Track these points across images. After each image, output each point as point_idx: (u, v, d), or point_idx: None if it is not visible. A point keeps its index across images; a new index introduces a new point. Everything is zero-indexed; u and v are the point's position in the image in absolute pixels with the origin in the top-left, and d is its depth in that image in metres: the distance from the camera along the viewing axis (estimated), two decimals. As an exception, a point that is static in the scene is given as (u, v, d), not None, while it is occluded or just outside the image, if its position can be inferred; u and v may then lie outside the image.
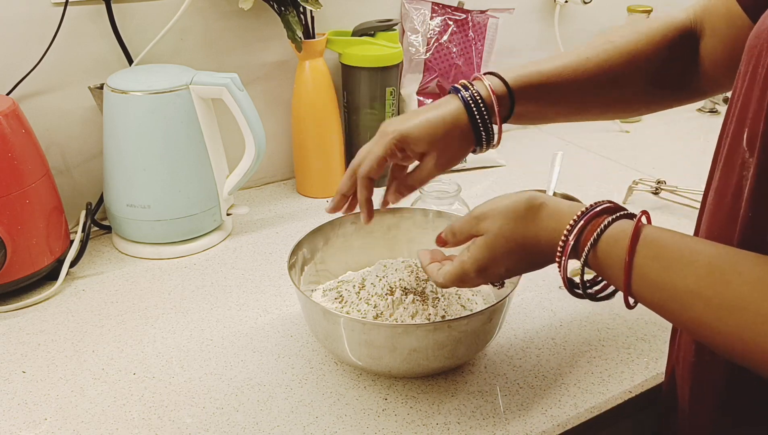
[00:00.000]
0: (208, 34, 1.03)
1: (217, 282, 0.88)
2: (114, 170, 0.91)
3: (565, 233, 0.55)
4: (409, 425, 0.64)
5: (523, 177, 1.19)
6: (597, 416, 0.67)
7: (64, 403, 0.67)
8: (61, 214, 0.88)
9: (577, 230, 0.54)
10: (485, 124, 0.67)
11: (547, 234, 0.56)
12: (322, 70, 1.05)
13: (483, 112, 0.67)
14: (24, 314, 0.81)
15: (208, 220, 0.96)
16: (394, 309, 0.70)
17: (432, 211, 0.84)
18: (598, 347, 0.75)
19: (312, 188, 1.12)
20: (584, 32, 1.41)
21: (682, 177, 1.12)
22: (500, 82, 0.67)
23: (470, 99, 0.66)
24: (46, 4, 0.91)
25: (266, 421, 0.65)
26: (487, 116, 0.67)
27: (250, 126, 0.92)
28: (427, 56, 1.19)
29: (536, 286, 0.86)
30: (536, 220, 0.57)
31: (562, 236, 0.55)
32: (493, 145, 0.70)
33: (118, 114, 0.89)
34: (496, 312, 0.67)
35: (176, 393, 0.69)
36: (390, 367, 0.66)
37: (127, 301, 0.84)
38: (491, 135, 0.68)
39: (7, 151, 0.79)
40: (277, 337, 0.77)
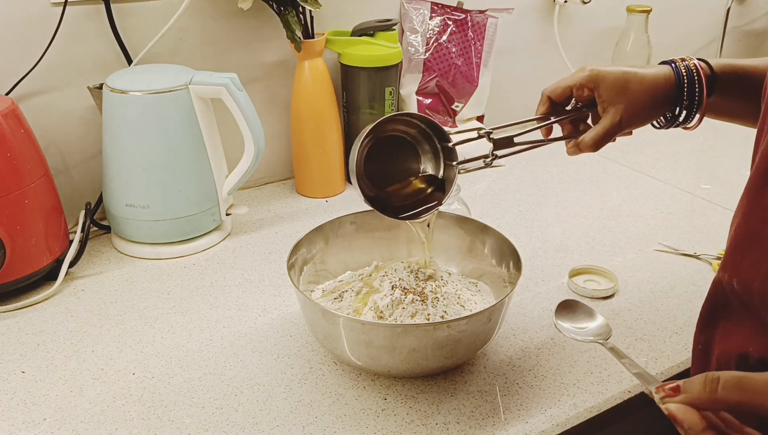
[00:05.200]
0: (207, 34, 1.03)
1: (217, 282, 0.88)
2: (113, 170, 0.91)
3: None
4: (409, 425, 0.64)
5: (522, 177, 1.19)
6: (596, 416, 0.67)
7: (63, 403, 0.67)
8: (60, 214, 0.88)
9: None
10: (691, 94, 0.67)
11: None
12: (321, 70, 1.05)
13: (694, 82, 0.67)
14: (23, 314, 0.81)
15: (207, 220, 0.96)
16: (394, 309, 0.70)
17: (431, 211, 0.84)
18: (598, 347, 0.75)
19: (311, 188, 1.12)
20: (584, 32, 1.41)
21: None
22: (706, 66, 0.68)
23: (684, 68, 0.68)
24: (45, 3, 0.91)
25: (266, 421, 0.65)
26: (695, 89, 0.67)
27: (250, 126, 0.92)
28: (427, 56, 1.19)
29: (536, 285, 0.86)
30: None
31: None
32: (689, 125, 0.70)
33: (117, 114, 0.89)
34: (495, 312, 0.67)
35: (175, 393, 0.69)
36: (389, 367, 0.66)
37: (126, 301, 0.84)
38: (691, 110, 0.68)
39: (6, 151, 0.78)
40: (277, 337, 0.77)
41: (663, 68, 0.70)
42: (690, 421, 0.43)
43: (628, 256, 0.93)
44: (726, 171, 1.21)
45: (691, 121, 0.71)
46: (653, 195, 1.12)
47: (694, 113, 0.70)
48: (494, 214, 1.05)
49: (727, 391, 0.42)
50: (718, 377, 0.43)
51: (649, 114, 0.70)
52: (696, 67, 0.69)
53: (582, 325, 0.73)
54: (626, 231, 1.00)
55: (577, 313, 0.75)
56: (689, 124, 0.71)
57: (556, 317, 0.74)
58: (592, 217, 1.04)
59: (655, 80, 0.68)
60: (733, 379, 0.42)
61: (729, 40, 1.57)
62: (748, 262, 0.56)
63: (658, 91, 0.68)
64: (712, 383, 0.43)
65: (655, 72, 0.69)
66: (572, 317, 0.74)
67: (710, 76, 0.68)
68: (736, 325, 0.59)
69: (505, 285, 0.76)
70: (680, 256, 0.93)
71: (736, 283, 0.57)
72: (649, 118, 0.71)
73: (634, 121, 0.70)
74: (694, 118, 0.70)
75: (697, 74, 0.68)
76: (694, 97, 0.68)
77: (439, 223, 0.83)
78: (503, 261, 0.77)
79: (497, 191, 1.14)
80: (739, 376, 0.42)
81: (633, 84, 0.68)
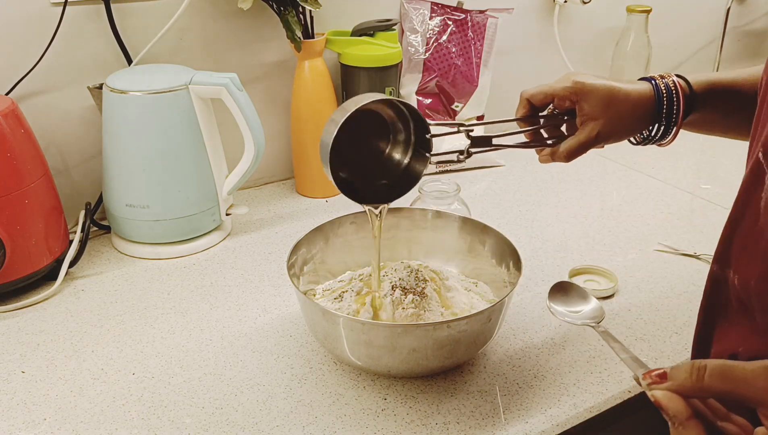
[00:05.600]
0: (207, 34, 1.03)
1: (217, 282, 0.88)
2: (113, 170, 0.91)
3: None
4: (409, 425, 0.64)
5: (522, 177, 1.19)
6: (596, 416, 0.67)
7: (63, 403, 0.67)
8: (60, 214, 0.88)
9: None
10: (669, 113, 0.68)
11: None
12: (321, 70, 1.05)
13: (673, 100, 0.67)
14: (23, 314, 0.81)
15: (207, 220, 0.96)
16: (394, 309, 0.70)
17: (431, 211, 0.84)
18: (598, 347, 0.75)
19: (311, 188, 1.12)
20: (584, 32, 1.41)
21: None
22: (685, 84, 0.68)
23: (663, 86, 0.68)
24: (45, 3, 0.91)
25: (265, 421, 0.65)
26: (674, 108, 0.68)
27: (250, 126, 0.92)
28: (427, 56, 1.19)
29: (536, 285, 0.86)
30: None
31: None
32: (663, 142, 0.71)
33: (117, 114, 0.89)
34: (495, 312, 0.67)
35: (175, 393, 0.69)
36: (389, 367, 0.66)
37: (126, 301, 0.84)
38: (668, 128, 0.69)
39: (6, 151, 0.78)
40: (277, 337, 0.77)
41: (644, 86, 0.69)
42: (675, 408, 0.43)
43: (628, 256, 0.93)
44: (726, 171, 1.21)
45: (665, 138, 0.71)
46: (653, 195, 1.12)
47: (670, 131, 0.70)
48: (494, 214, 1.05)
49: (713, 379, 0.42)
50: (704, 365, 0.43)
51: (626, 131, 0.70)
52: (675, 84, 0.69)
53: (575, 308, 0.73)
54: (626, 231, 1.00)
55: (571, 295, 0.74)
56: (663, 141, 0.72)
57: (549, 300, 0.73)
58: (592, 217, 1.04)
59: (639, 98, 0.68)
60: (719, 367, 0.42)
61: (729, 40, 1.57)
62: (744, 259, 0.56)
63: (638, 109, 0.68)
64: (698, 371, 0.43)
65: (638, 90, 0.69)
66: (565, 300, 0.74)
67: (689, 95, 0.69)
68: (731, 325, 0.59)
69: (505, 285, 0.76)
70: (680, 256, 0.93)
71: (737, 281, 0.57)
72: (625, 135, 0.71)
73: (611, 137, 0.70)
74: (669, 135, 0.71)
75: (676, 93, 0.68)
76: (672, 115, 0.69)
77: (439, 223, 0.83)
78: (503, 261, 0.77)
79: (497, 191, 1.14)
80: (725, 365, 0.42)
81: (616, 101, 0.68)
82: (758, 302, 0.55)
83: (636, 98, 0.68)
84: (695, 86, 0.69)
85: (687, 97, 0.69)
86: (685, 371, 0.44)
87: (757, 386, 0.41)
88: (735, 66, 1.60)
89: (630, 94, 0.68)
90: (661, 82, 0.69)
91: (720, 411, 0.47)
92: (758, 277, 0.55)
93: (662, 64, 1.55)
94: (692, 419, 0.43)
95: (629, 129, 0.70)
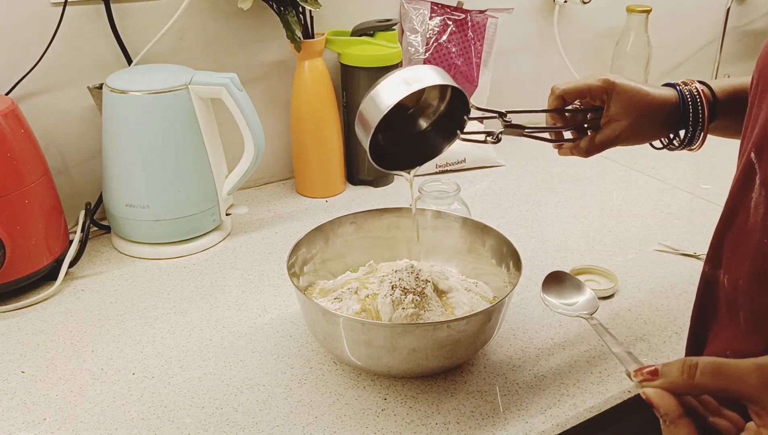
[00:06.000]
0: (207, 34, 1.03)
1: (217, 282, 0.88)
2: (113, 170, 0.91)
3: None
4: (409, 425, 0.64)
5: (522, 177, 1.19)
6: (596, 416, 0.67)
7: (63, 404, 0.67)
8: (60, 214, 0.88)
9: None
10: (695, 119, 0.69)
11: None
12: (321, 70, 1.05)
13: (698, 106, 0.69)
14: (23, 314, 0.81)
15: (207, 220, 0.96)
16: (394, 309, 0.70)
17: (431, 211, 0.84)
18: (598, 347, 0.75)
19: (311, 188, 1.12)
20: (584, 32, 1.41)
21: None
22: (708, 90, 0.70)
23: (687, 92, 0.69)
24: (44, 3, 0.91)
25: (265, 421, 0.65)
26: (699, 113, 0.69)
27: (250, 126, 0.92)
28: (427, 56, 1.19)
29: (536, 285, 0.86)
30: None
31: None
32: (693, 147, 0.72)
33: (117, 114, 0.89)
34: (495, 312, 0.67)
35: (175, 393, 0.69)
36: (389, 367, 0.66)
37: (126, 301, 0.84)
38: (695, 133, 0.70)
39: (6, 151, 0.78)
40: (277, 337, 0.77)
41: (669, 91, 0.71)
42: (666, 407, 0.43)
43: (628, 256, 0.93)
44: (726, 171, 1.21)
45: (694, 144, 0.73)
46: (653, 195, 1.12)
47: (697, 136, 0.71)
48: (494, 214, 1.05)
49: (704, 377, 0.43)
50: (696, 363, 0.43)
51: (648, 134, 0.72)
52: (698, 91, 0.70)
53: (569, 299, 0.72)
54: (626, 231, 1.00)
55: (565, 286, 0.74)
56: (693, 147, 0.73)
57: (543, 291, 0.73)
58: (592, 217, 1.04)
59: (663, 103, 0.70)
60: (710, 365, 0.43)
61: (729, 40, 1.57)
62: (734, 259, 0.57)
63: (662, 114, 0.70)
64: (690, 369, 0.43)
65: (663, 95, 0.71)
66: (560, 291, 0.73)
67: (712, 101, 0.70)
68: (721, 327, 0.59)
69: (505, 285, 0.76)
70: (680, 256, 0.93)
71: (727, 281, 0.58)
72: (646, 138, 0.73)
73: (632, 139, 0.71)
74: (697, 141, 0.72)
75: (700, 99, 0.70)
76: (698, 121, 0.70)
77: (439, 223, 0.83)
78: (503, 261, 0.77)
79: (497, 191, 1.13)
80: (717, 363, 0.43)
81: (642, 104, 0.70)
82: (746, 302, 0.55)
83: (660, 103, 0.70)
84: (718, 93, 0.71)
85: (710, 104, 0.70)
86: (676, 369, 0.44)
87: (748, 383, 0.41)
88: (735, 66, 1.61)
89: (656, 99, 0.70)
90: (685, 88, 0.71)
91: (712, 405, 0.47)
92: (747, 277, 0.55)
93: (662, 64, 1.55)
94: (683, 417, 0.43)
95: (650, 133, 0.72)
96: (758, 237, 0.53)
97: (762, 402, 0.41)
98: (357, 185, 1.15)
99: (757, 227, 0.53)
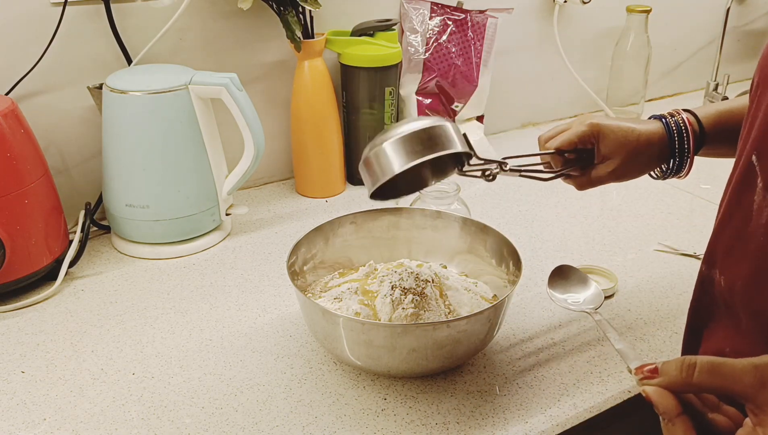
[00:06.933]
0: (207, 34, 1.03)
1: (216, 282, 0.88)
2: (113, 170, 0.91)
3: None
4: (409, 425, 0.64)
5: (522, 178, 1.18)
6: (596, 416, 0.67)
7: (63, 404, 0.67)
8: (60, 214, 0.88)
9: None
10: (681, 150, 0.71)
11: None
12: (321, 70, 1.05)
13: (683, 137, 0.71)
14: (23, 314, 0.81)
15: (207, 220, 0.96)
16: (394, 309, 0.70)
17: (431, 211, 0.84)
18: (598, 347, 0.75)
19: (311, 188, 1.12)
20: (583, 32, 1.41)
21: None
22: (695, 120, 0.72)
23: (674, 124, 0.71)
24: (44, 3, 0.91)
25: (265, 421, 0.65)
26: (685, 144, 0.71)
27: (249, 126, 0.92)
28: (426, 56, 1.19)
29: (536, 285, 0.86)
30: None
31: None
32: (681, 175, 0.74)
33: (117, 114, 0.89)
34: (495, 312, 0.67)
35: (175, 393, 0.69)
36: (389, 367, 0.66)
37: (126, 301, 0.84)
38: (682, 162, 0.72)
39: (5, 151, 0.78)
40: (277, 337, 0.77)
41: (655, 125, 0.73)
42: (665, 405, 0.44)
43: (628, 256, 0.93)
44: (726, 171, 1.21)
45: (681, 172, 0.74)
46: (653, 195, 1.12)
47: (684, 165, 0.73)
48: (494, 214, 1.05)
49: (702, 375, 0.44)
50: (695, 362, 0.44)
51: (640, 169, 0.74)
52: (684, 121, 0.72)
53: (575, 294, 0.73)
54: (626, 231, 1.00)
55: (571, 280, 0.74)
56: (681, 174, 0.75)
57: (549, 286, 0.74)
58: (592, 217, 1.04)
59: (650, 137, 0.72)
60: (708, 364, 0.43)
61: (729, 40, 1.57)
62: (731, 260, 0.57)
63: (650, 149, 0.72)
64: (688, 368, 0.44)
65: (650, 130, 0.72)
66: (565, 285, 0.74)
67: (698, 131, 0.72)
68: (718, 325, 0.60)
69: (505, 285, 0.76)
70: (680, 256, 0.93)
71: (723, 282, 0.58)
72: (639, 173, 0.74)
73: (628, 174, 0.73)
74: (684, 168, 0.74)
75: (686, 129, 0.71)
76: (684, 152, 0.72)
77: (439, 223, 0.83)
78: (503, 261, 0.77)
79: (497, 191, 1.13)
80: (715, 362, 0.43)
81: (630, 143, 0.71)
82: (744, 304, 0.56)
83: (647, 138, 0.71)
84: (704, 120, 0.72)
85: (696, 133, 0.72)
86: (675, 367, 0.45)
87: (745, 382, 0.42)
88: (735, 66, 1.61)
89: (642, 135, 0.71)
90: (671, 120, 0.72)
91: (711, 402, 0.48)
92: (745, 278, 0.55)
93: (662, 64, 1.55)
94: (681, 415, 0.44)
95: (642, 167, 0.74)
96: (762, 241, 0.53)
97: (757, 401, 0.42)
98: (357, 185, 1.15)
99: (759, 231, 0.53)
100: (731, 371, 0.43)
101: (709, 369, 0.43)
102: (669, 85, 1.60)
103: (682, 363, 0.44)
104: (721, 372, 0.43)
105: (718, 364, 0.43)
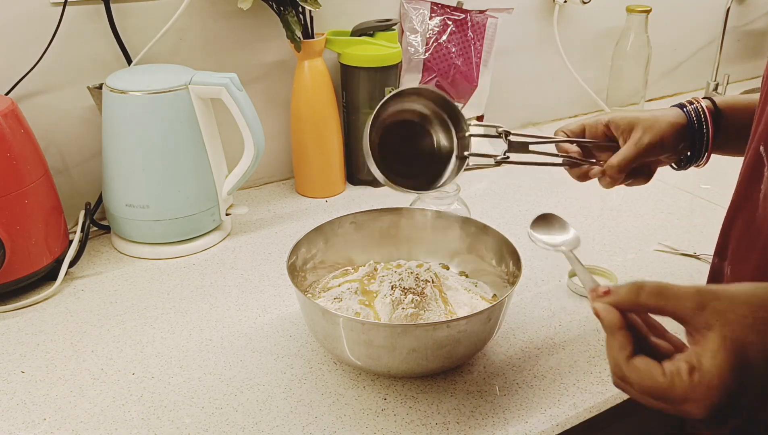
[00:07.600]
0: (207, 34, 1.03)
1: (216, 282, 0.88)
2: (113, 170, 0.91)
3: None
4: (409, 425, 0.64)
5: (522, 177, 1.19)
6: (596, 416, 0.67)
7: (63, 404, 0.67)
8: (60, 214, 0.88)
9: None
10: (701, 134, 0.72)
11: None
12: (321, 70, 1.05)
13: (702, 123, 0.71)
14: (23, 314, 0.81)
15: (207, 220, 0.96)
16: (394, 309, 0.70)
17: (431, 211, 0.84)
18: (598, 347, 0.75)
19: (311, 188, 1.12)
20: (583, 32, 1.41)
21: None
22: (711, 105, 0.72)
23: (693, 111, 0.72)
24: (44, 3, 0.91)
25: (265, 421, 0.65)
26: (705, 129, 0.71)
27: (249, 126, 0.92)
28: (426, 56, 1.19)
29: (535, 285, 0.86)
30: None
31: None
32: (700, 163, 0.75)
33: (117, 114, 0.89)
34: (495, 312, 0.67)
35: (175, 393, 0.69)
36: (389, 367, 0.66)
37: (126, 301, 0.84)
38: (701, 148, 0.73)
39: (5, 151, 0.78)
40: (277, 337, 0.77)
41: (674, 110, 0.73)
42: (609, 319, 0.47)
43: (628, 256, 0.93)
44: (726, 171, 1.21)
45: (701, 160, 0.75)
46: (653, 195, 1.12)
47: (704, 152, 0.73)
48: (494, 214, 1.05)
49: (648, 296, 0.46)
50: (643, 284, 0.47)
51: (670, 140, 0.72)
52: (702, 109, 0.72)
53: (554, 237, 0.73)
54: (626, 231, 1.00)
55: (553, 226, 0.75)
56: (700, 162, 0.75)
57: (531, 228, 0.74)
58: (592, 217, 1.04)
59: (674, 117, 0.72)
60: (655, 287, 0.46)
61: (729, 40, 1.57)
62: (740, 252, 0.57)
63: (676, 127, 0.72)
64: (637, 290, 0.47)
65: (668, 113, 0.73)
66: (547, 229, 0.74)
67: (715, 114, 0.72)
68: None
69: (505, 285, 0.76)
70: (680, 256, 0.93)
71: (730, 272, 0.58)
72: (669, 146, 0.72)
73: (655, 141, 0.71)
74: (704, 156, 0.74)
75: (704, 114, 0.72)
76: (704, 137, 0.72)
77: (440, 223, 0.83)
78: (503, 261, 0.77)
79: (497, 191, 1.13)
80: (661, 285, 0.46)
81: (646, 115, 0.72)
82: None
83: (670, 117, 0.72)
84: (720, 103, 0.73)
85: (713, 113, 0.72)
86: (625, 289, 0.48)
87: (686, 305, 0.45)
88: (735, 66, 1.61)
89: (659, 117, 0.72)
90: (690, 107, 0.73)
91: (658, 329, 0.51)
92: (754, 269, 0.55)
93: (662, 64, 1.55)
94: (623, 329, 0.47)
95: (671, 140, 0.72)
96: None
97: (695, 323, 0.44)
98: (357, 185, 1.15)
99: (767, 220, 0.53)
100: (675, 294, 0.45)
101: (655, 291, 0.46)
102: (669, 85, 1.60)
103: (632, 285, 0.47)
104: (665, 294, 0.46)
105: (663, 287, 0.46)
